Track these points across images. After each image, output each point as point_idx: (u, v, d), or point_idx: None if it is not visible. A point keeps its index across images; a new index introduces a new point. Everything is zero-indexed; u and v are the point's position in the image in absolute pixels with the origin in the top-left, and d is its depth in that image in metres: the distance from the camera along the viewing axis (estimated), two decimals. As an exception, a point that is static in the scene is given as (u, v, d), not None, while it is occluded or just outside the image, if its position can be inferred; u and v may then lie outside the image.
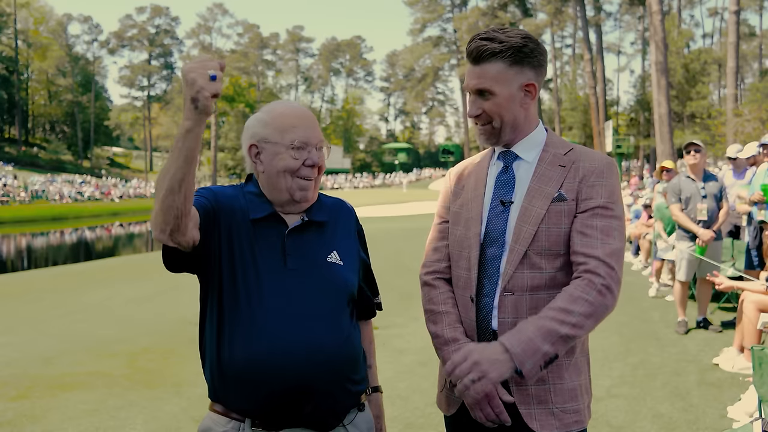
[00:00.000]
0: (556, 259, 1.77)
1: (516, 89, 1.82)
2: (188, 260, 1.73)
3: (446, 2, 74.75)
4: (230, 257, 1.75)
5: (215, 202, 1.77)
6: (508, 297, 1.77)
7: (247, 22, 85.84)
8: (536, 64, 1.83)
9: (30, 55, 70.29)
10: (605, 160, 1.83)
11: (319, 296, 1.76)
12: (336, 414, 1.78)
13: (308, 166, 1.79)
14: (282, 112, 1.82)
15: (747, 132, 20.99)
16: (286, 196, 1.79)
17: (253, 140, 1.81)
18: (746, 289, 5.06)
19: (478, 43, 1.81)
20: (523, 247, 1.76)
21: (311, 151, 1.79)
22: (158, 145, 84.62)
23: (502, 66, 1.80)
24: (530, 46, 1.81)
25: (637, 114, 49.65)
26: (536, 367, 1.64)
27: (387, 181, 72.28)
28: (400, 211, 32.45)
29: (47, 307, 9.26)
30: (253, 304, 1.72)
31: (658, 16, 21.14)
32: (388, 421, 4.13)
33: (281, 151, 1.77)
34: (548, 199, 1.77)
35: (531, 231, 1.76)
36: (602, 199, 1.76)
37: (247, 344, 1.70)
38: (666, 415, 4.21)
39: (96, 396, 4.83)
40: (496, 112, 1.82)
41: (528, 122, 1.87)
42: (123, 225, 33.67)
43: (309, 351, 1.70)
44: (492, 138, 1.87)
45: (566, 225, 1.77)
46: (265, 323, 1.70)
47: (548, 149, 1.87)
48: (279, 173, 1.77)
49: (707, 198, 6.27)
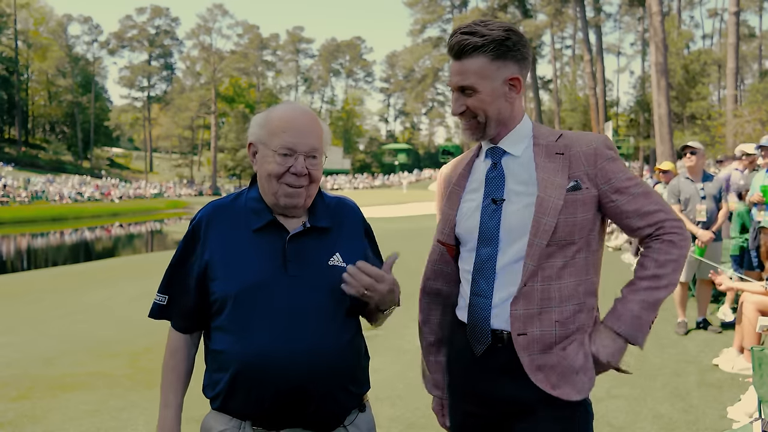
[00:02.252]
0: (569, 248, 1.78)
1: (500, 84, 1.79)
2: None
3: (446, 3, 74.68)
4: (228, 273, 1.76)
5: (199, 264, 1.81)
6: (522, 289, 1.77)
7: (247, 23, 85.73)
8: (520, 57, 1.81)
9: (30, 55, 70.26)
10: (598, 138, 1.85)
11: (320, 301, 1.76)
12: (337, 415, 1.79)
13: (293, 174, 1.75)
14: (278, 115, 1.79)
15: (747, 133, 20.97)
16: (273, 200, 1.79)
17: (251, 139, 1.83)
18: (746, 290, 5.07)
19: (459, 38, 1.78)
20: (543, 241, 1.74)
21: (298, 159, 1.75)
22: (158, 146, 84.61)
23: (485, 61, 1.77)
24: (513, 38, 1.78)
25: (637, 115, 49.62)
26: (646, 335, 1.79)
27: (387, 182, 72.28)
28: (400, 212, 32.42)
29: (48, 307, 9.26)
30: (254, 310, 1.73)
31: (658, 17, 21.13)
32: (389, 421, 4.16)
33: (269, 155, 1.76)
34: (562, 189, 1.77)
35: (551, 223, 1.74)
36: (619, 173, 1.80)
37: (247, 349, 1.71)
38: (666, 415, 4.21)
39: (97, 396, 4.83)
40: (480, 108, 1.81)
41: (513, 116, 1.85)
42: (123, 225, 33.64)
43: (309, 355, 1.70)
44: (477, 132, 1.85)
45: (581, 213, 1.78)
46: (264, 329, 1.71)
47: (538, 141, 1.85)
48: (265, 176, 1.78)
49: (706, 199, 6.28)
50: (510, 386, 1.80)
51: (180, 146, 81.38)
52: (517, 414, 1.82)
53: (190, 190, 62.86)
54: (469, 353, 1.87)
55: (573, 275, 1.79)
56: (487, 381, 1.84)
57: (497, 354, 1.81)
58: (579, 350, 1.78)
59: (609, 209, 1.81)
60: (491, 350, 1.81)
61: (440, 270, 1.98)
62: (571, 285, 1.79)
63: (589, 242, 1.82)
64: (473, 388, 1.88)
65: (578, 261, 1.80)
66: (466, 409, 1.93)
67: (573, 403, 1.79)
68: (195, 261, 1.82)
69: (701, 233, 6.17)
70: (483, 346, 1.82)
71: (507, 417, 1.84)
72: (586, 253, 1.82)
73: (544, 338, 1.76)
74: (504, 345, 1.79)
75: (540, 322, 1.76)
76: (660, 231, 1.79)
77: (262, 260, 1.76)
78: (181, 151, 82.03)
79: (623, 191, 1.79)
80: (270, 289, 1.73)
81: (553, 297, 1.77)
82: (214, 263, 1.78)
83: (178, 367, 1.89)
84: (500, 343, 1.80)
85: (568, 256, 1.78)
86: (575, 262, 1.79)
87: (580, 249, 1.79)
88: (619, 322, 1.77)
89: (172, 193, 58.66)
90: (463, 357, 1.90)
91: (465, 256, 1.90)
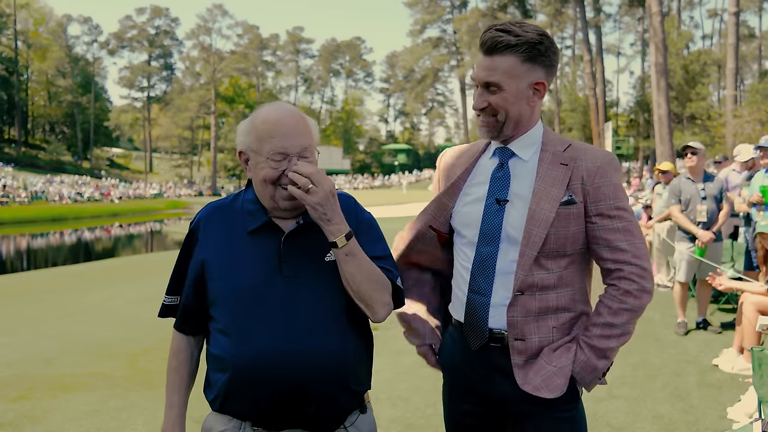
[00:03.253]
0: (562, 259, 1.79)
1: (525, 86, 1.79)
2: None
3: (446, 3, 74.70)
4: (224, 275, 1.76)
5: (196, 264, 1.81)
6: (518, 296, 1.77)
7: (246, 23, 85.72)
8: (548, 64, 1.80)
9: (30, 55, 70.22)
10: (606, 156, 1.82)
11: (317, 300, 1.75)
12: (337, 416, 1.79)
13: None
14: (264, 119, 1.76)
15: (746, 133, 20.96)
16: (271, 204, 1.78)
17: (240, 148, 1.81)
18: (746, 290, 5.07)
19: (493, 34, 1.77)
20: (534, 251, 1.75)
21: (291, 160, 1.73)
22: (158, 146, 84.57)
23: (515, 61, 1.76)
24: (545, 44, 1.78)
25: (637, 115, 49.57)
26: (596, 379, 1.80)
27: (387, 182, 72.27)
28: (400, 212, 32.40)
29: (47, 307, 9.26)
30: (250, 312, 1.72)
31: (658, 17, 21.13)
32: (389, 422, 4.15)
33: (261, 161, 1.74)
34: (556, 202, 1.76)
35: (541, 235, 1.74)
36: (611, 200, 1.77)
37: (245, 351, 1.71)
38: (666, 416, 4.21)
39: (97, 397, 4.83)
40: (502, 107, 1.80)
41: (530, 120, 1.85)
42: (122, 226, 33.63)
43: (305, 355, 1.70)
44: (494, 131, 1.84)
45: (574, 227, 1.77)
46: (261, 330, 1.71)
47: (547, 148, 1.84)
48: (260, 182, 1.76)
49: (707, 199, 6.28)
50: (504, 384, 1.81)
51: (180, 146, 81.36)
52: (516, 415, 1.83)
53: (189, 190, 62.86)
54: (464, 352, 1.87)
55: (569, 285, 1.80)
56: (483, 379, 1.85)
57: (493, 352, 1.83)
58: (563, 354, 1.79)
59: (587, 228, 1.79)
60: (486, 348, 1.83)
61: (423, 249, 1.99)
62: (568, 294, 1.81)
63: (583, 254, 1.83)
64: (470, 387, 1.89)
65: (573, 271, 1.81)
66: (463, 409, 1.93)
67: (572, 403, 1.80)
68: (192, 262, 1.82)
69: (701, 234, 6.17)
70: (480, 342, 1.83)
71: (505, 417, 1.85)
72: (580, 263, 1.83)
73: (542, 344, 1.79)
74: (500, 345, 1.81)
75: (538, 329, 1.78)
76: (619, 273, 1.76)
77: (256, 262, 1.75)
78: (181, 152, 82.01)
79: (606, 217, 1.77)
80: (265, 291, 1.73)
81: (550, 306, 1.78)
82: (210, 265, 1.78)
83: (181, 368, 1.89)
84: (497, 342, 1.81)
85: (563, 266, 1.79)
86: (570, 272, 1.80)
87: (573, 260, 1.81)
88: (574, 364, 1.78)
89: (171, 194, 58.65)
90: (459, 356, 1.90)
91: (462, 249, 1.90)
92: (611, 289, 1.78)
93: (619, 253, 1.75)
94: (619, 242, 1.75)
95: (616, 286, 1.76)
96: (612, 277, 1.78)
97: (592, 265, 1.90)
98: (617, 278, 1.76)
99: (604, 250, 1.78)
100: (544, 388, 1.75)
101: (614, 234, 1.76)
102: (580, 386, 1.83)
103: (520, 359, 1.78)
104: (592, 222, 1.77)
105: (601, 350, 1.75)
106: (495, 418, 1.88)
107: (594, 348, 1.75)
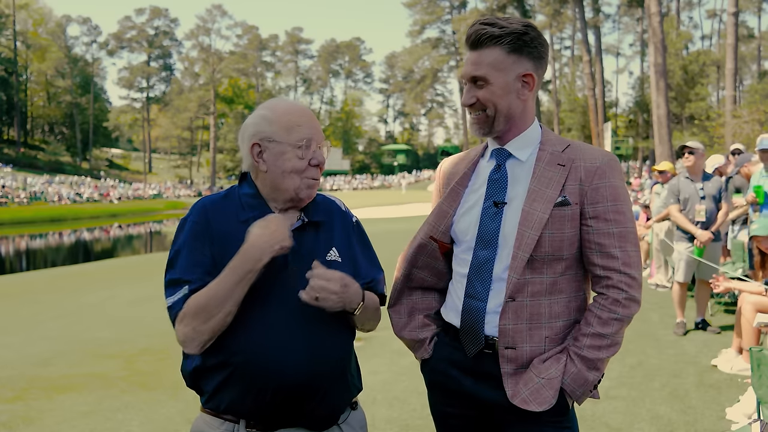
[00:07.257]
0: (557, 264, 1.74)
1: (513, 79, 1.75)
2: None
3: (445, 4, 74.74)
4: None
5: (210, 252, 1.73)
6: (509, 303, 1.73)
7: (246, 24, 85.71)
8: (536, 55, 1.77)
9: (29, 56, 70.24)
10: (605, 156, 1.77)
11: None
12: (334, 413, 1.78)
13: (313, 166, 1.76)
14: (287, 110, 1.77)
15: (745, 133, 20.96)
16: (290, 195, 1.76)
17: (255, 138, 1.77)
18: (744, 291, 5.05)
19: (477, 28, 1.76)
20: (526, 254, 1.70)
21: (316, 151, 1.76)
22: (157, 147, 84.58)
23: (500, 53, 1.73)
24: (531, 34, 1.75)
25: (636, 115, 49.63)
26: (588, 392, 1.76)
27: (386, 183, 72.27)
28: (399, 213, 32.44)
29: (44, 308, 9.24)
30: (252, 306, 1.70)
31: (657, 17, 21.16)
32: (386, 423, 4.13)
33: (287, 151, 1.73)
34: (550, 203, 1.71)
35: (534, 236, 1.70)
36: (609, 202, 1.72)
37: (247, 344, 1.68)
38: (664, 416, 4.19)
39: (92, 398, 4.81)
40: (490, 101, 1.76)
41: (524, 117, 1.81)
42: (121, 226, 33.62)
43: (309, 350, 1.69)
44: (485, 127, 1.81)
45: (569, 230, 1.73)
46: (264, 324, 1.69)
47: (545, 147, 1.80)
48: (285, 173, 1.74)
49: (706, 199, 6.26)
50: (493, 392, 1.77)
51: (179, 147, 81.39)
52: (502, 422, 1.80)
53: (189, 191, 62.77)
54: (457, 355, 1.84)
55: (564, 291, 1.76)
56: (474, 383, 1.82)
57: (485, 359, 1.79)
58: (553, 365, 1.74)
59: (582, 231, 1.75)
60: (480, 354, 1.80)
61: (427, 263, 1.93)
62: (562, 301, 1.76)
63: (579, 258, 1.78)
64: (459, 388, 1.85)
65: (569, 277, 1.76)
66: (447, 411, 1.92)
67: (561, 416, 1.77)
68: (206, 250, 1.74)
69: (700, 233, 6.15)
70: (476, 348, 1.80)
71: (491, 420, 1.82)
72: (576, 269, 1.78)
73: (533, 354, 1.75)
74: (491, 352, 1.78)
75: (530, 338, 1.74)
76: (608, 281, 1.72)
77: None
78: (180, 152, 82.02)
79: (602, 220, 1.72)
80: (268, 286, 1.71)
81: (543, 313, 1.74)
82: (219, 257, 1.73)
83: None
84: (489, 349, 1.78)
85: (558, 271, 1.74)
86: (565, 278, 1.76)
87: (569, 266, 1.76)
88: (564, 375, 1.73)
89: (170, 194, 58.60)
90: (450, 358, 1.87)
91: (460, 257, 1.86)
92: (600, 298, 1.74)
93: (610, 259, 1.71)
94: (612, 248, 1.71)
95: (605, 295, 1.72)
96: (601, 285, 1.74)
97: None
98: (606, 286, 1.73)
99: (595, 255, 1.73)
100: (532, 401, 1.71)
101: (608, 239, 1.72)
102: (570, 399, 1.77)
103: (509, 368, 1.74)
104: (588, 225, 1.73)
105: (591, 361, 1.71)
106: (481, 421, 1.86)
107: (585, 359, 1.71)
